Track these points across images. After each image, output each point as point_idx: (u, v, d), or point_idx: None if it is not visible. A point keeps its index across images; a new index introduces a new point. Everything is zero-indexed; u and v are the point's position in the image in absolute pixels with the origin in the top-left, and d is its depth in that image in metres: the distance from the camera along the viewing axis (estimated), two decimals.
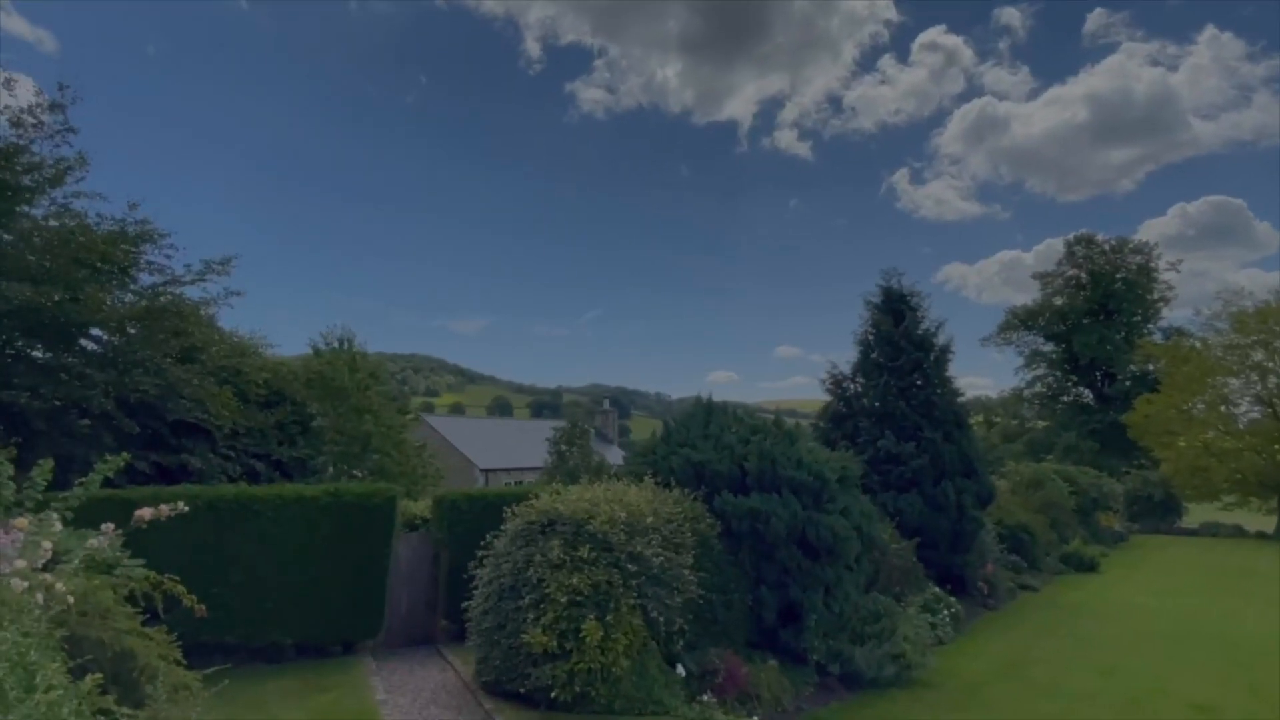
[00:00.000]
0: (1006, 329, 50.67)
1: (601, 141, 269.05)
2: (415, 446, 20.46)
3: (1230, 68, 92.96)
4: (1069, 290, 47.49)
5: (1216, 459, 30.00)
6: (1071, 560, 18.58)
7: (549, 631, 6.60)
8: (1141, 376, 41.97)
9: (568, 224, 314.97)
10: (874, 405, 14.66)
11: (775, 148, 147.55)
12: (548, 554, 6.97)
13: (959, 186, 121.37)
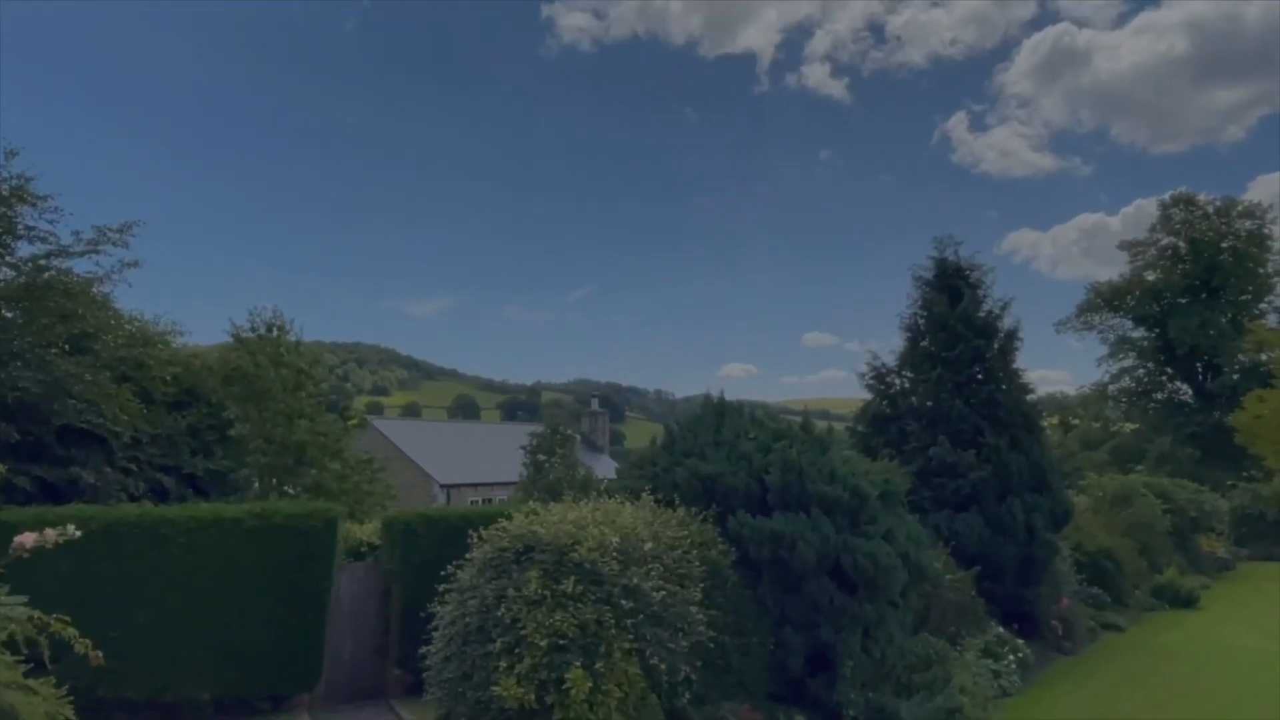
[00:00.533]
0: (1087, 310, 50.78)
1: (588, 80, 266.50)
2: (360, 459, 20.53)
3: None
4: (1164, 263, 47.57)
5: None
6: (1165, 594, 18.72)
7: (525, 682, 6.65)
8: (1253, 368, 42.06)
9: (547, 182, 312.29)
10: (924, 405, 14.72)
11: (803, 86, 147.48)
12: (523, 588, 7.01)
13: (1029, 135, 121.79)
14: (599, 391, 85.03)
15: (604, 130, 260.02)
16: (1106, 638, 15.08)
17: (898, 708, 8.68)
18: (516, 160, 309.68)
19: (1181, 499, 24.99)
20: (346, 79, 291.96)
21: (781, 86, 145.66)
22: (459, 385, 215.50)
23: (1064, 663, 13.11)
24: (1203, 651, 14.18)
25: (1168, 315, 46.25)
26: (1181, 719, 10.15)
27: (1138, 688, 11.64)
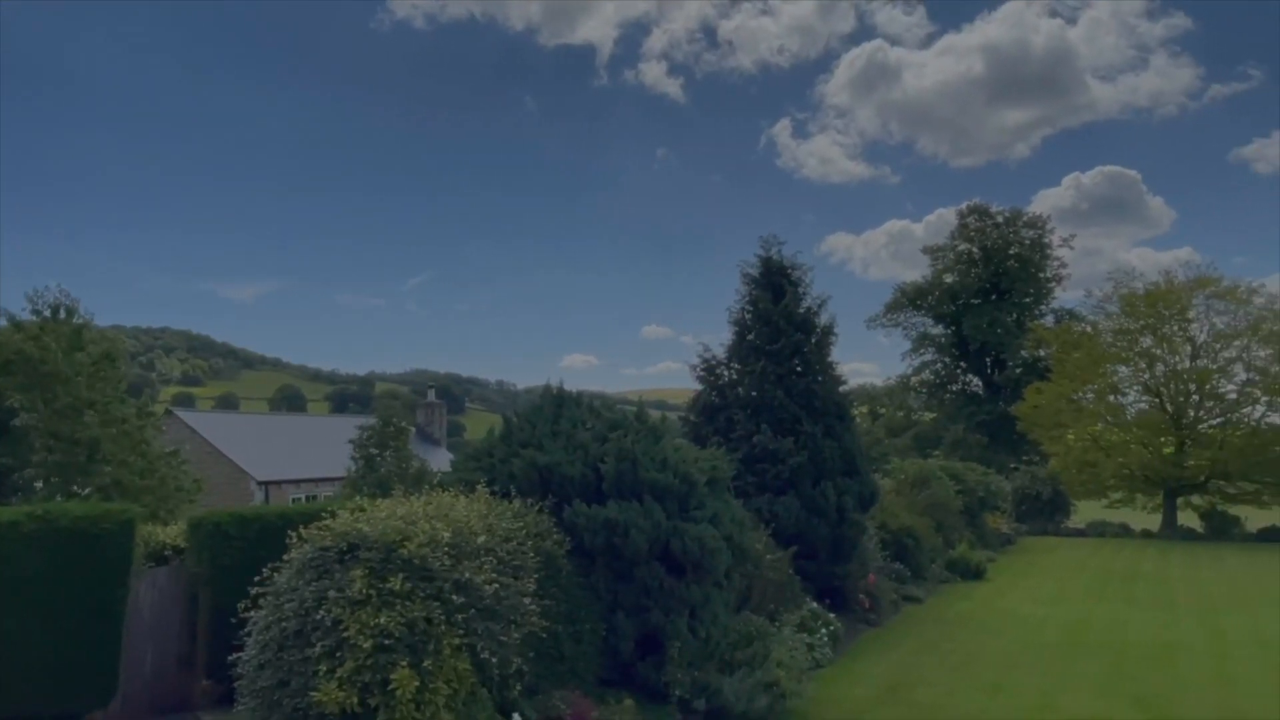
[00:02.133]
0: (894, 309, 54.94)
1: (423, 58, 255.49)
2: (164, 453, 18.88)
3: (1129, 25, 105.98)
4: (960, 267, 52.22)
5: (1105, 453, 34.43)
6: (957, 567, 20.59)
7: (348, 685, 6.35)
8: (1032, 363, 47.06)
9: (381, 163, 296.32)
10: (750, 395, 15.38)
11: (641, 83, 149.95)
12: (347, 588, 6.68)
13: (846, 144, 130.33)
14: (437, 382, 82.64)
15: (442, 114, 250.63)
16: (907, 609, 16.39)
17: (721, 684, 9.03)
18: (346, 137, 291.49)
19: (972, 481, 27.56)
20: (156, 37, 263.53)
21: (620, 82, 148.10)
22: (282, 375, 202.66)
23: (870, 634, 14.13)
24: (989, 618, 15.73)
25: (962, 314, 50.79)
26: (971, 680, 11.20)
27: (934, 654, 12.74)
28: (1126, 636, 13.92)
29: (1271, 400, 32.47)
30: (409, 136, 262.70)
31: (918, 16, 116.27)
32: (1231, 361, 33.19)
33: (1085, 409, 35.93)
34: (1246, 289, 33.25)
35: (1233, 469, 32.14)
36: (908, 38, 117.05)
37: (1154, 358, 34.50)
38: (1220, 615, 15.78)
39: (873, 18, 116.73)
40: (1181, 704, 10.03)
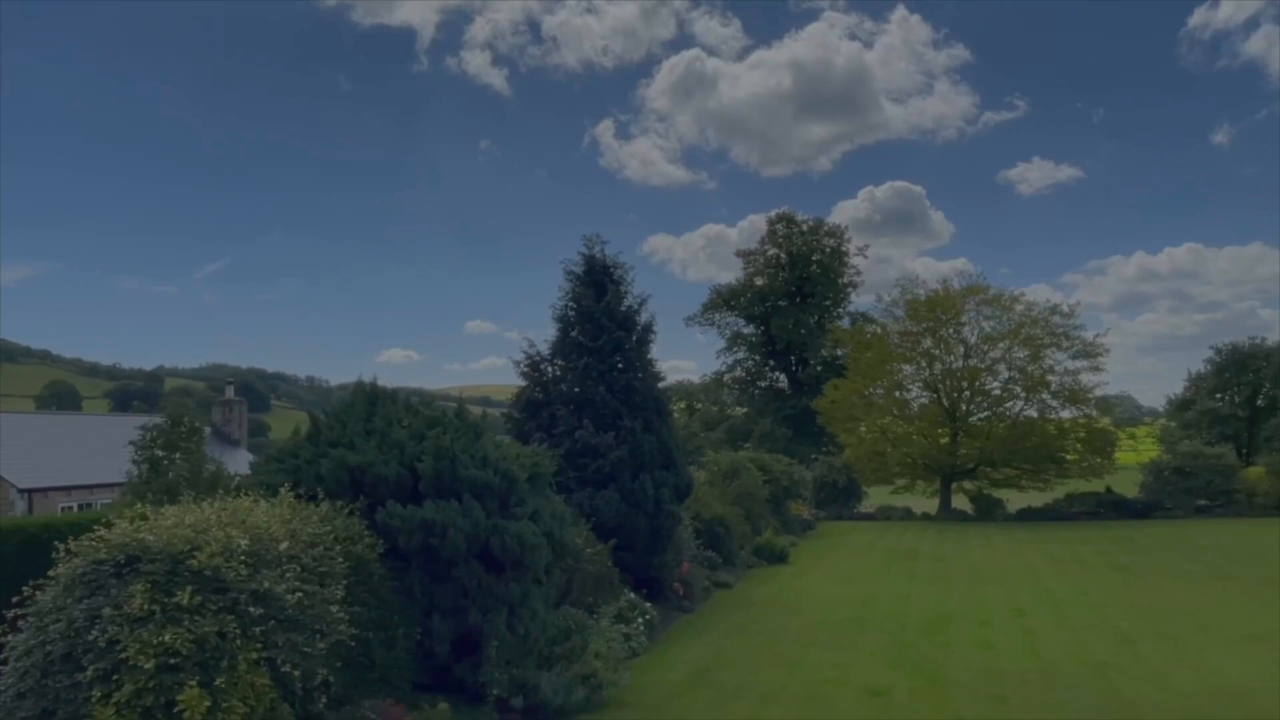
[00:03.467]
0: (710, 309, 57.29)
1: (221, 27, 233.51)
2: None
3: (918, 52, 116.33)
4: (770, 270, 55.28)
5: (891, 443, 37.61)
6: (764, 552, 21.74)
7: (127, 710, 5.74)
8: (831, 362, 50.63)
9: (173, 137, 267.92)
10: (573, 391, 15.44)
11: (463, 72, 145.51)
12: (125, 604, 6.04)
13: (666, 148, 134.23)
14: (238, 378, 76.64)
15: (242, 91, 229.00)
16: (719, 595, 17.09)
17: (539, 680, 8.99)
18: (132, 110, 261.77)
19: (778, 471, 29.19)
20: None
21: (441, 69, 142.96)
22: (52, 370, 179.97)
23: (684, 620, 14.60)
24: (791, 599, 16.70)
25: (771, 315, 53.79)
26: (773, 658, 11.84)
27: (740, 636, 13.35)
28: (908, 610, 15.24)
29: (1029, 396, 36.75)
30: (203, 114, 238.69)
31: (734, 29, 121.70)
32: (996, 361, 37.23)
33: (875, 404, 39.07)
34: (1010, 297, 37.43)
35: (997, 457, 36.07)
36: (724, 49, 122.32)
37: (933, 357, 38.04)
38: (985, 587, 17.65)
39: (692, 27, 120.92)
40: (951, 668, 11.11)
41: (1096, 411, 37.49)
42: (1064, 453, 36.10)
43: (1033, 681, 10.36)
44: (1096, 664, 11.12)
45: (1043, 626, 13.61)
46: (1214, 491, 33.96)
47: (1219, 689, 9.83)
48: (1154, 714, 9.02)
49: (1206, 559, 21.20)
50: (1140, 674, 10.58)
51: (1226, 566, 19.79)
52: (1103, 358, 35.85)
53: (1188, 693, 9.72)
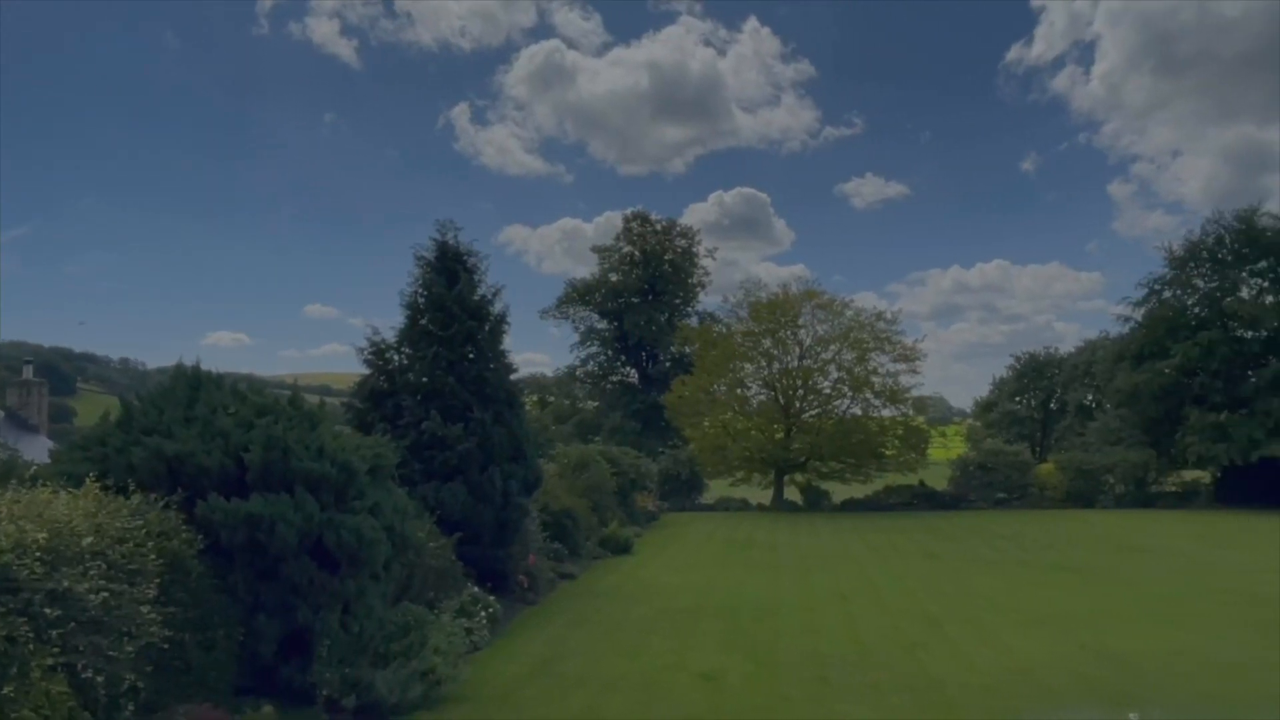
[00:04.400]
0: (565, 303, 57.26)
1: None
2: None
3: (767, 64, 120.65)
4: (624, 267, 55.91)
5: (732, 438, 38.98)
6: (609, 543, 21.95)
7: None
8: (680, 359, 51.85)
9: None
10: (421, 381, 14.92)
11: (308, 39, 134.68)
12: None
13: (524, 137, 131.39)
14: (38, 357, 68.82)
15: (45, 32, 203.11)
16: (564, 586, 17.08)
17: (373, 679, 8.61)
18: None
19: (625, 464, 29.55)
20: None
21: (284, 34, 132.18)
22: None
23: (528, 612, 14.48)
24: (633, 589, 16.93)
25: (624, 311, 54.41)
26: (614, 647, 11.95)
27: (583, 626, 13.39)
28: (743, 597, 15.83)
29: (855, 395, 39.10)
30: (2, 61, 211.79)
31: (594, 24, 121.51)
32: (828, 362, 39.37)
33: (719, 400, 40.38)
34: (841, 303, 39.70)
35: (825, 451, 38.16)
36: (584, 43, 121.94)
37: (772, 357, 39.76)
38: (812, 574, 18.62)
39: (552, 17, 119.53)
40: (780, 651, 11.62)
41: (913, 411, 40.47)
42: (884, 448, 38.69)
43: (852, 662, 11.01)
44: (908, 645, 11.95)
45: (862, 611, 14.50)
46: (1011, 485, 37.48)
47: (1013, 666, 10.81)
48: (957, 690, 9.79)
49: (1004, 547, 23.33)
50: (946, 653, 11.48)
51: (1021, 554, 21.86)
52: (920, 362, 38.76)
53: (986, 670, 10.62)
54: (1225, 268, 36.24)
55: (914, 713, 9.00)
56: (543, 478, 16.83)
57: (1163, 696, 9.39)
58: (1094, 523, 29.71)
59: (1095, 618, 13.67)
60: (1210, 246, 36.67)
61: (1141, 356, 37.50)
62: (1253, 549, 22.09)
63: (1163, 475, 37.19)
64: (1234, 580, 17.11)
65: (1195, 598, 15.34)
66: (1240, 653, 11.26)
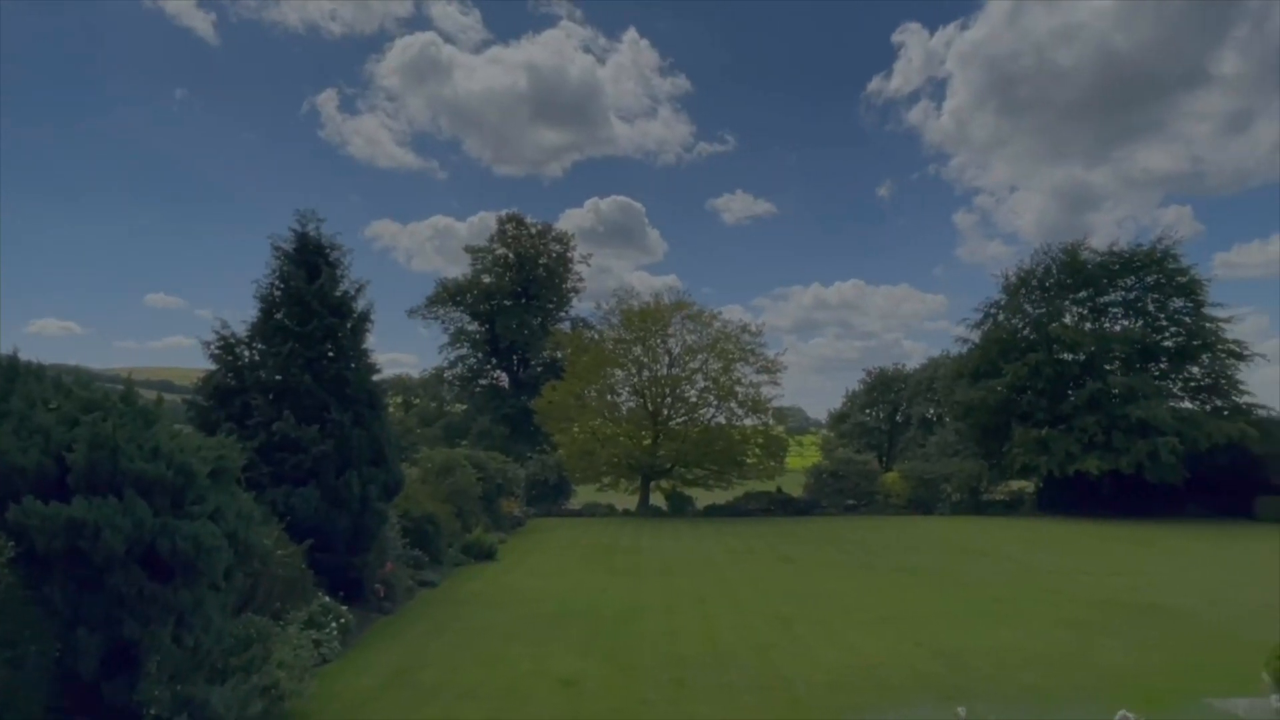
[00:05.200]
0: (435, 302, 55.77)
1: None
2: None
3: (645, 76, 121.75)
4: (497, 269, 55.09)
5: (601, 444, 39.10)
6: (472, 550, 21.47)
7: None
8: (552, 363, 51.54)
9: None
10: (273, 379, 14.09)
11: (159, 9, 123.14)
12: None
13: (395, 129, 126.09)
14: None
15: None
16: (423, 594, 16.54)
17: (209, 695, 8.00)
18: None
19: (492, 469, 29.05)
20: None
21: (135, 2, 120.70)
22: None
23: (383, 622, 13.92)
24: (495, 595, 16.62)
25: (496, 314, 53.57)
26: (473, 655, 11.67)
27: (442, 635, 13.01)
28: (605, 601, 15.86)
29: (719, 404, 40.15)
30: None
31: (473, 20, 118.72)
32: (695, 371, 40.24)
33: (589, 406, 40.44)
34: (710, 314, 40.69)
35: (690, 458, 38.97)
36: (462, 39, 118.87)
37: (642, 364, 40.23)
38: (673, 578, 18.90)
39: (429, 9, 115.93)
40: (640, 654, 11.71)
41: (773, 421, 41.95)
42: (745, 456, 39.90)
43: (708, 664, 11.23)
44: (761, 645, 12.32)
45: (720, 613, 14.84)
46: (860, 493, 39.52)
47: (857, 663, 11.34)
48: (804, 688, 10.16)
49: (852, 551, 24.52)
50: (796, 653, 11.90)
51: (867, 557, 23.03)
52: (780, 374, 40.24)
53: (832, 668, 11.09)
54: (1051, 296, 39.70)
55: (764, 712, 9.28)
56: (404, 482, 16.25)
57: (990, 689, 10.11)
58: (932, 528, 31.76)
59: (932, 617, 14.57)
60: (1039, 276, 40.09)
61: (977, 374, 40.53)
62: (1069, 553, 24.23)
63: (993, 484, 40.23)
64: (1054, 581, 18.69)
65: (1021, 598, 16.63)
66: (1059, 648, 12.28)
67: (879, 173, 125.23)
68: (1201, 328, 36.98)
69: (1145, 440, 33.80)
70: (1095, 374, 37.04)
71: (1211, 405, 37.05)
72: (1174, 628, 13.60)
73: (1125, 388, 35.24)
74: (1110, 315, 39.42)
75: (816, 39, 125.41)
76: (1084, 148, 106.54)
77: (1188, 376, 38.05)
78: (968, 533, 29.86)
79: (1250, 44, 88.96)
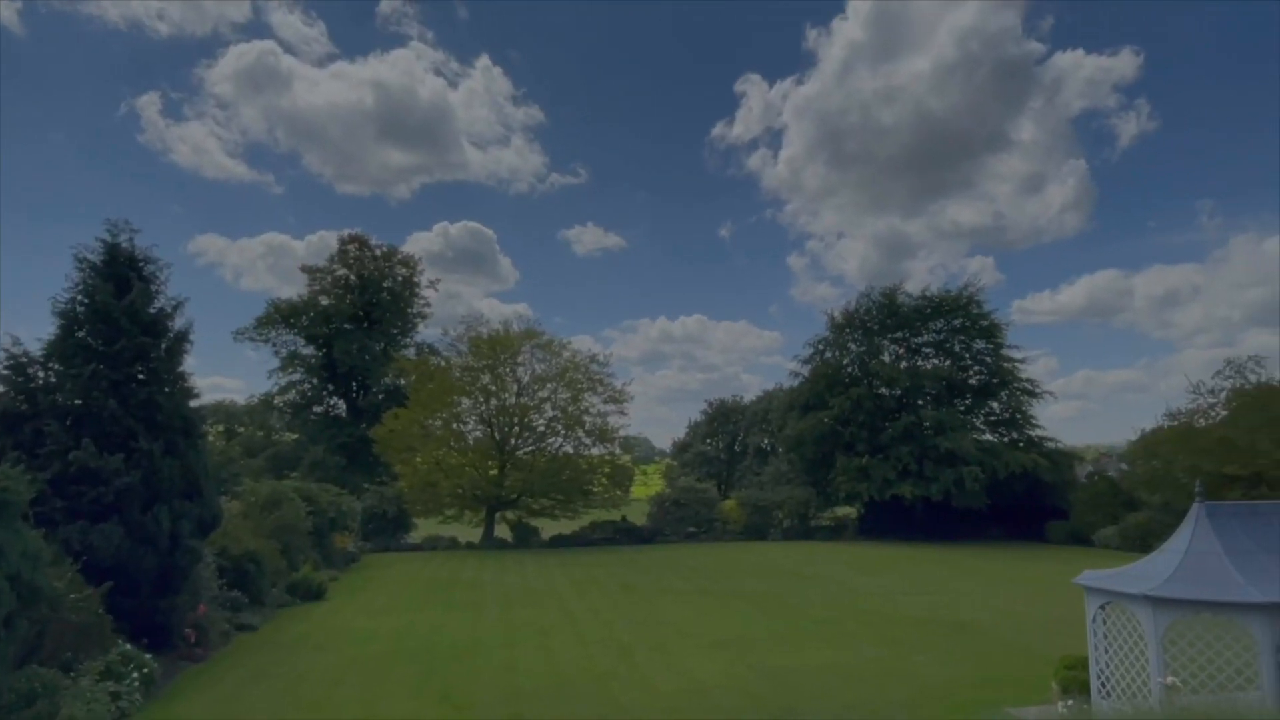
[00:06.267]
0: (266, 324, 52.33)
1: None
2: None
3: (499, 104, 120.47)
4: (337, 291, 52.48)
5: (445, 475, 37.86)
6: (299, 589, 20.09)
7: None
8: (395, 390, 49.56)
9: None
10: (72, 403, 12.72)
11: None
12: None
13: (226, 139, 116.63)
14: None
15: None
16: (240, 638, 15.27)
17: None
18: None
19: (324, 502, 27.43)
20: None
21: None
22: None
23: (194, 670, 12.72)
24: (323, 637, 15.61)
25: (334, 338, 50.90)
26: (296, 701, 10.88)
27: (261, 681, 12.05)
28: (441, 638, 15.28)
29: (567, 433, 40.05)
30: None
31: (318, 32, 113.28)
32: (544, 401, 39.98)
33: (434, 435, 39.14)
34: (559, 344, 40.65)
35: (537, 488, 38.51)
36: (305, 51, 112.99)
37: (490, 393, 39.51)
38: (515, 611, 18.53)
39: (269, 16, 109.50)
40: (477, 691, 11.35)
41: (620, 450, 42.30)
42: (592, 485, 39.94)
43: (548, 696, 11.05)
44: (601, 675, 12.28)
45: (560, 644, 14.67)
46: (700, 520, 40.50)
47: (692, 688, 11.53)
48: (642, 715, 10.20)
49: (692, 577, 25.01)
50: (634, 681, 11.95)
51: (705, 583, 23.57)
52: (628, 404, 40.71)
53: (669, 694, 11.21)
54: (872, 335, 42.78)
55: None
56: (221, 517, 15.05)
57: (815, 706, 10.56)
58: (766, 553, 33.00)
59: (763, 639, 15.08)
60: (861, 316, 43.14)
61: (807, 407, 42.85)
62: (887, 574, 25.87)
63: (820, 511, 42.47)
64: (873, 602, 19.87)
65: (844, 618, 17.54)
66: (877, 665, 13.03)
67: (721, 214, 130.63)
68: (1000, 367, 40.99)
69: (952, 469, 36.91)
70: (909, 408, 40.12)
71: (1009, 437, 40.99)
72: (978, 643, 14.78)
73: (935, 421, 38.39)
74: (923, 354, 42.92)
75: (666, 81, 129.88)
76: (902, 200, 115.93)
77: (989, 411, 41.97)
78: (797, 557, 31.23)
79: (1044, 115, 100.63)
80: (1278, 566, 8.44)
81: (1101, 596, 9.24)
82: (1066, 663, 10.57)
